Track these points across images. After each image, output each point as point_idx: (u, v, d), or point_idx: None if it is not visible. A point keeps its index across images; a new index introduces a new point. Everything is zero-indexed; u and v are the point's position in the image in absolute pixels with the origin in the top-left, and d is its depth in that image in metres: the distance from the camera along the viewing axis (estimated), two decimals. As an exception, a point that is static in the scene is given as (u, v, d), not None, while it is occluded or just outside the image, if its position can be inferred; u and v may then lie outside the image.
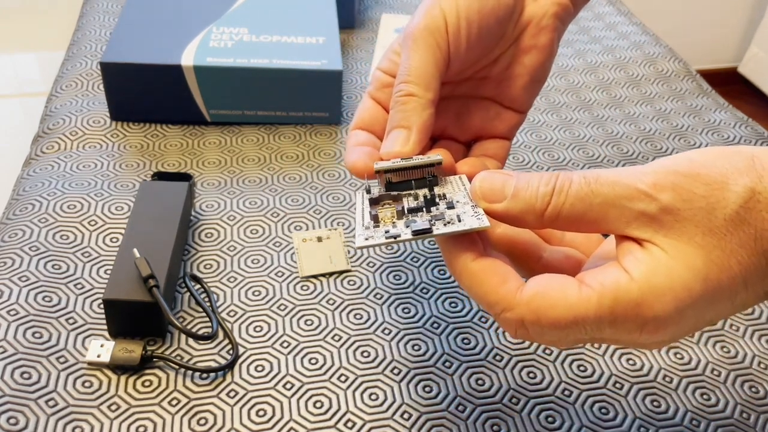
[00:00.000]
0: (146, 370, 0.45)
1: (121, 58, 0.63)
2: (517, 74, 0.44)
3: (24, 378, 0.43)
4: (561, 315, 0.30)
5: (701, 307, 0.30)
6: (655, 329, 0.30)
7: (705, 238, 0.29)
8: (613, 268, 0.31)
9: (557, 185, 0.31)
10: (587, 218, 0.31)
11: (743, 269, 0.29)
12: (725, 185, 0.29)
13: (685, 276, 0.29)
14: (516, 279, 0.32)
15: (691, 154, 0.31)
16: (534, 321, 0.31)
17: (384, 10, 0.91)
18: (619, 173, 0.31)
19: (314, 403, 0.43)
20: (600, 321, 0.30)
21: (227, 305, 0.49)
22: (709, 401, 0.45)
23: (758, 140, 0.70)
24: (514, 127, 0.45)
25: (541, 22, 0.43)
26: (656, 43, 0.88)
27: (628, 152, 0.67)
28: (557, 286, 0.31)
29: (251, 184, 0.60)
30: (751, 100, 2.27)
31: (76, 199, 0.56)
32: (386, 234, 0.34)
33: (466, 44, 0.40)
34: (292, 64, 0.65)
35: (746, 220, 0.29)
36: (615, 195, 0.30)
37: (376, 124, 0.42)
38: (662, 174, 0.30)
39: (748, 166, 0.30)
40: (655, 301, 0.29)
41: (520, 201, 0.32)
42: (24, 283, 0.49)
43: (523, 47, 0.43)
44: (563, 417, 0.43)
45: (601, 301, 0.30)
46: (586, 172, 0.31)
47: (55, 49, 1.88)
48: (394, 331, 0.48)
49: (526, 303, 0.31)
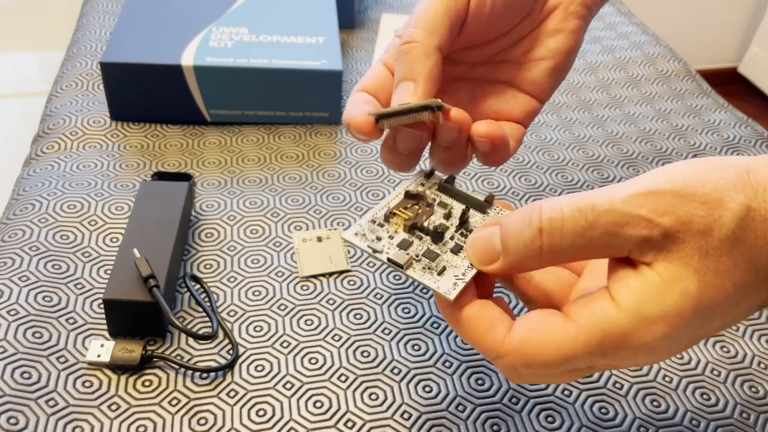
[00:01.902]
0: (146, 370, 0.45)
1: (121, 58, 0.63)
2: (540, 57, 0.42)
3: (24, 378, 0.43)
4: (551, 357, 0.30)
5: (694, 328, 0.30)
6: (648, 354, 0.30)
7: (701, 261, 0.28)
8: (600, 299, 0.30)
9: (545, 224, 0.30)
10: (589, 250, 0.30)
11: (737, 289, 0.29)
12: (721, 203, 0.28)
13: (678, 302, 0.29)
14: (503, 324, 0.32)
15: (685, 170, 0.30)
16: (525, 365, 0.31)
17: (384, 10, 0.91)
18: (612, 198, 0.29)
19: (314, 403, 0.43)
20: (591, 355, 0.30)
21: (227, 305, 0.49)
22: (709, 401, 0.45)
23: (758, 140, 0.70)
24: (531, 113, 0.43)
25: (570, 7, 0.41)
26: (656, 43, 0.88)
27: (628, 152, 0.67)
28: (543, 328, 0.31)
29: (251, 184, 0.60)
30: (751, 100, 2.27)
31: (76, 199, 0.56)
32: (371, 242, 0.34)
33: (491, 8, 0.38)
34: (292, 64, 0.65)
35: (741, 239, 0.28)
36: (615, 224, 0.29)
37: (382, 91, 0.39)
38: (660, 197, 0.29)
39: (743, 181, 0.29)
40: (646, 331, 0.29)
41: (513, 254, 0.31)
42: (24, 283, 0.49)
43: (547, 30, 0.41)
44: (563, 417, 0.43)
45: (589, 337, 0.30)
46: (577, 200, 0.30)
47: (55, 49, 1.88)
48: (394, 331, 0.48)
49: (515, 350, 0.31)
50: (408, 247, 0.35)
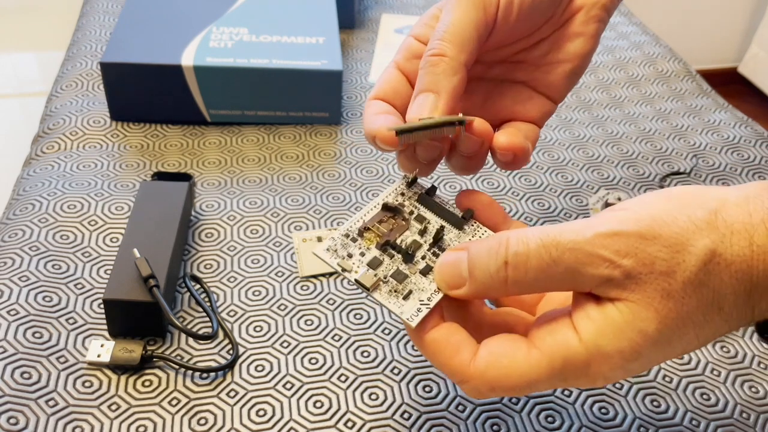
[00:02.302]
0: (146, 370, 0.45)
1: (121, 58, 0.63)
2: (560, 60, 0.41)
3: (24, 378, 0.43)
4: (515, 383, 0.31)
5: (650, 359, 0.31)
6: (605, 380, 0.31)
7: (662, 302, 0.29)
8: (563, 328, 0.31)
9: (510, 258, 0.31)
10: (551, 284, 0.31)
11: (697, 326, 0.30)
12: (685, 247, 0.29)
13: (635, 340, 0.29)
14: (468, 349, 0.33)
15: (653, 207, 0.30)
16: (490, 389, 0.32)
17: (384, 10, 0.91)
18: (578, 236, 0.30)
19: (314, 403, 0.43)
20: (552, 380, 0.31)
21: (227, 305, 0.49)
22: (709, 401, 0.45)
23: (758, 140, 0.70)
24: (546, 114, 0.42)
25: (591, 11, 0.41)
26: (656, 43, 0.88)
27: (628, 152, 0.67)
28: (508, 354, 0.32)
29: (251, 184, 0.60)
30: (751, 100, 2.27)
31: (76, 199, 0.56)
32: (341, 260, 0.35)
33: (517, 14, 0.38)
34: (292, 64, 0.65)
35: (705, 282, 0.29)
36: (578, 262, 0.30)
37: (398, 98, 0.39)
38: (624, 238, 0.29)
39: (710, 224, 0.29)
40: (603, 363, 0.30)
41: (478, 283, 0.32)
42: (24, 283, 0.49)
43: (569, 33, 0.41)
44: (563, 417, 0.43)
45: (552, 364, 0.31)
46: (543, 236, 0.30)
47: (55, 49, 1.88)
48: (394, 331, 0.48)
49: (480, 375, 0.32)
50: (378, 266, 0.35)
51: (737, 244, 0.29)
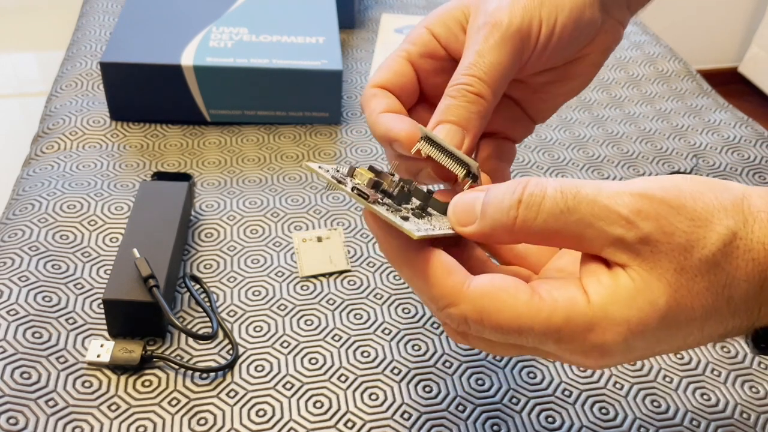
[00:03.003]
0: (146, 370, 0.45)
1: (120, 58, 0.63)
2: (558, 94, 0.41)
3: (24, 378, 0.43)
4: (506, 320, 0.29)
5: (653, 342, 0.29)
6: (600, 356, 0.29)
7: (675, 276, 0.28)
8: (572, 286, 0.29)
9: (525, 197, 0.29)
10: (561, 235, 0.29)
11: (705, 312, 0.28)
12: (709, 223, 0.28)
13: (645, 310, 0.28)
14: (463, 272, 0.30)
15: (681, 181, 0.29)
16: (477, 320, 0.29)
17: (384, 10, 0.91)
18: (601, 189, 0.29)
19: (314, 403, 0.43)
20: (545, 336, 0.29)
21: (227, 305, 0.49)
22: (709, 401, 0.45)
23: (758, 140, 0.70)
24: (527, 135, 0.43)
25: (599, 56, 0.41)
26: (656, 43, 0.88)
27: (628, 152, 0.67)
28: (508, 289, 0.29)
29: (251, 184, 0.60)
30: (751, 100, 2.27)
31: (76, 199, 0.56)
32: (335, 174, 0.32)
33: (545, 59, 0.38)
34: (292, 64, 0.65)
35: (721, 264, 0.28)
36: (593, 215, 0.28)
37: (404, 93, 0.38)
38: (647, 200, 0.28)
39: (736, 206, 0.28)
40: (607, 330, 0.28)
41: (489, 219, 0.30)
42: (24, 283, 0.49)
43: (575, 72, 0.41)
44: (563, 417, 0.43)
45: (552, 317, 0.29)
46: (564, 183, 0.29)
47: (55, 49, 1.88)
48: (394, 331, 0.48)
49: (473, 300, 0.29)
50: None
51: (759, 232, 0.28)
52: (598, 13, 0.39)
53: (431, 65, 0.38)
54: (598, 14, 0.39)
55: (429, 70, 0.39)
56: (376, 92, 0.37)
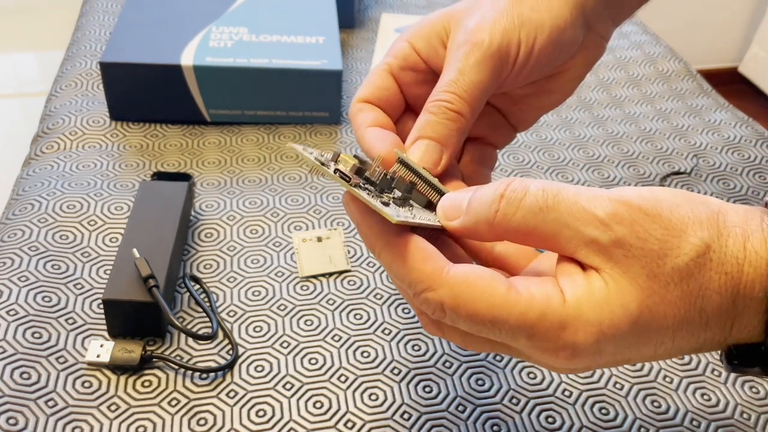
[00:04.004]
0: (146, 371, 0.45)
1: (120, 58, 0.63)
2: (538, 106, 0.42)
3: (24, 378, 0.43)
4: (482, 310, 0.29)
5: (623, 347, 0.29)
6: (571, 356, 0.29)
7: (647, 282, 0.28)
8: (549, 284, 0.30)
9: (507, 193, 0.30)
10: (538, 233, 0.30)
11: (676, 322, 0.29)
12: (683, 234, 0.28)
13: (617, 313, 0.28)
14: (442, 259, 0.30)
15: (660, 192, 0.30)
16: (453, 307, 0.30)
17: (384, 10, 0.91)
18: (580, 193, 0.30)
19: (314, 403, 0.43)
20: (519, 329, 0.29)
21: (227, 305, 0.49)
22: (709, 401, 0.45)
23: (758, 140, 0.70)
24: (509, 142, 0.44)
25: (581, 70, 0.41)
26: (656, 43, 0.88)
27: (628, 152, 0.67)
28: (487, 279, 0.30)
29: (251, 184, 0.60)
30: (751, 100, 2.27)
31: (75, 199, 0.56)
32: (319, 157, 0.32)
33: (523, 77, 0.38)
34: (292, 64, 0.65)
35: (694, 275, 0.28)
36: (570, 215, 0.29)
37: (389, 107, 0.39)
38: (625, 206, 0.29)
39: (711, 220, 0.29)
40: (580, 330, 0.29)
41: (472, 213, 0.31)
42: (24, 283, 0.49)
43: (555, 86, 0.41)
44: (563, 417, 0.43)
45: (527, 312, 0.29)
46: (547, 184, 0.30)
47: (55, 49, 1.88)
48: (394, 331, 0.48)
49: (451, 286, 0.29)
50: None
51: (733, 246, 0.29)
52: (579, 30, 0.40)
53: (413, 77, 0.39)
54: (579, 32, 0.40)
55: (411, 82, 0.40)
56: (362, 107, 0.39)
